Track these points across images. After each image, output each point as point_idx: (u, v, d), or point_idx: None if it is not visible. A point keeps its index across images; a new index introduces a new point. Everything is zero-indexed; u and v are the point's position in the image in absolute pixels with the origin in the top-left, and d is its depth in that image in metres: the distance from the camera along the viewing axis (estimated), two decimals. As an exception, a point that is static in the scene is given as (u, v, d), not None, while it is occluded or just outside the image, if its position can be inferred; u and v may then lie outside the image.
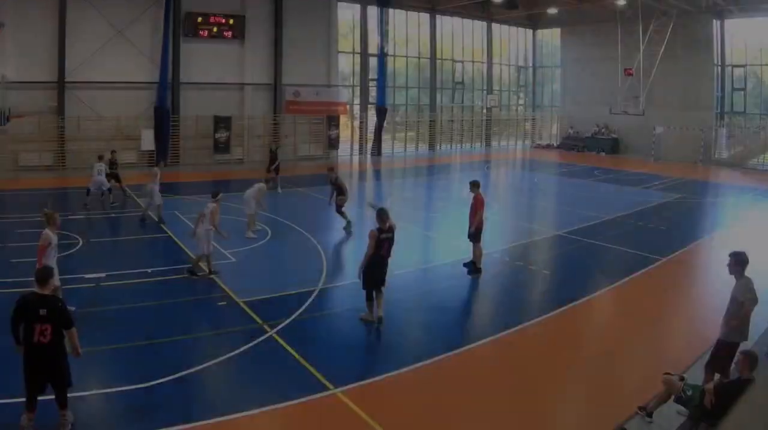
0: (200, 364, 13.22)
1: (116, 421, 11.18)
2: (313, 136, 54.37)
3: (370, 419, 11.20)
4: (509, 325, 16.03)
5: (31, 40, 41.44)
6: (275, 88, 51.78)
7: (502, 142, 70.33)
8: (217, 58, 48.56)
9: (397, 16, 59.47)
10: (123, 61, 44.68)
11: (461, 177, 46.01)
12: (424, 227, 28.16)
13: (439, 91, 64.20)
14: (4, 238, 23.58)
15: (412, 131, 63.78)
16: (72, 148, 43.42)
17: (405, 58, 62.00)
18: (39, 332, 9.91)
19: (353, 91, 58.24)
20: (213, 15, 47.94)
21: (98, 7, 43.31)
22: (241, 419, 11.17)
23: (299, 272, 20.33)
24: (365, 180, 47.01)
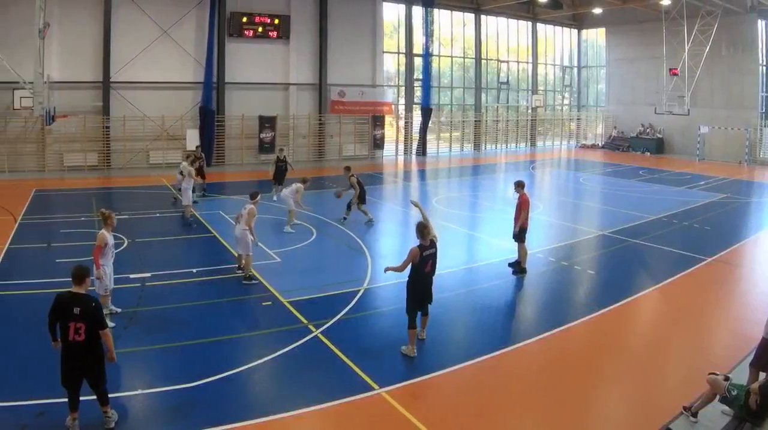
0: (245, 364, 12.99)
1: (161, 420, 10.97)
2: (358, 136, 53.19)
3: (415, 419, 10.97)
4: (554, 325, 15.66)
5: (76, 40, 40.57)
6: (320, 88, 50.48)
7: (547, 142, 68.92)
8: (262, 58, 47.45)
9: (442, 16, 58.17)
10: (168, 62, 43.76)
11: (506, 177, 45.25)
12: (469, 227, 27.39)
13: (484, 91, 62.69)
14: (48, 238, 23.15)
15: (457, 131, 62.38)
16: (117, 148, 42.47)
17: (450, 58, 60.65)
18: (74, 330, 9.86)
19: (398, 91, 56.99)
20: (258, 15, 46.70)
21: (143, 8, 42.48)
22: (286, 419, 10.96)
23: (344, 272, 19.92)
24: (410, 180, 45.51)
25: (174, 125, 44.29)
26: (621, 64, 64.83)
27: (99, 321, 10.10)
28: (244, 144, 47.25)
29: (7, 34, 37.28)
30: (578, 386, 12.59)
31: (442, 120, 61.00)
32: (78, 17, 40.65)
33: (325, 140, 51.10)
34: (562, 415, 11.49)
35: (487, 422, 11.20)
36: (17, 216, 26.82)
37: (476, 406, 11.68)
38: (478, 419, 11.22)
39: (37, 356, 12.09)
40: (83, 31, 40.85)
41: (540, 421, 11.46)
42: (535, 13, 64.06)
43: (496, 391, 12.35)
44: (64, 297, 10.11)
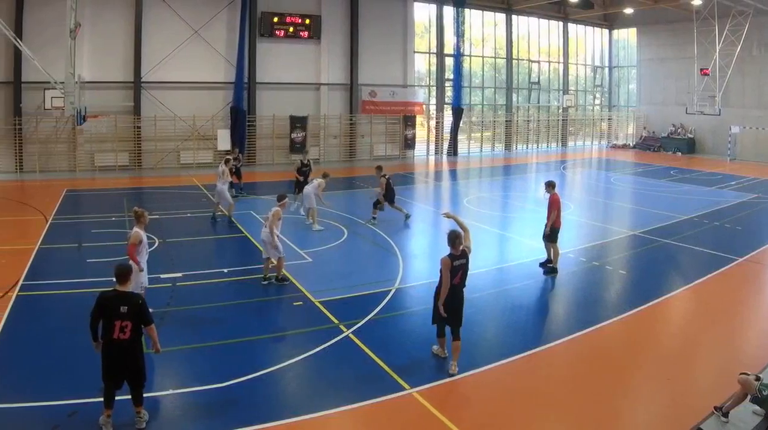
0: (277, 364, 12.81)
1: (193, 420, 10.79)
2: (389, 136, 52.08)
3: (446, 419, 10.76)
4: (586, 324, 15.42)
5: (107, 40, 40.00)
6: (351, 88, 49.44)
7: (578, 142, 67.46)
8: (293, 58, 46.54)
9: (473, 16, 56.72)
10: (199, 62, 43.02)
11: (537, 178, 44.50)
12: (500, 227, 26.82)
13: (515, 91, 61.31)
14: (79, 238, 22.99)
15: (488, 131, 60.96)
16: (148, 148, 41.76)
17: (481, 58, 59.21)
18: (119, 328, 9.75)
19: (429, 91, 55.71)
20: (289, 15, 45.84)
21: (174, 8, 41.73)
22: (318, 420, 10.79)
23: (375, 272, 19.65)
24: (441, 180, 44.43)
25: (205, 125, 43.53)
26: (652, 64, 63.25)
27: (146, 318, 10.07)
28: (275, 144, 46.40)
29: (38, 34, 36.87)
30: (609, 386, 12.36)
31: (473, 120, 59.84)
32: (109, 17, 40.11)
33: (356, 140, 50.15)
34: (593, 415, 11.30)
35: (518, 422, 11.06)
36: (48, 216, 26.44)
37: (508, 406, 11.54)
38: (509, 419, 11.10)
39: (69, 355, 12.02)
40: (114, 31, 40.31)
41: (571, 421, 11.25)
42: (567, 13, 62.56)
43: (527, 391, 12.12)
44: (109, 296, 9.97)
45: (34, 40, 35.95)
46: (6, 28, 28.05)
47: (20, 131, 38.37)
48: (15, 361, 12.62)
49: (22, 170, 38.64)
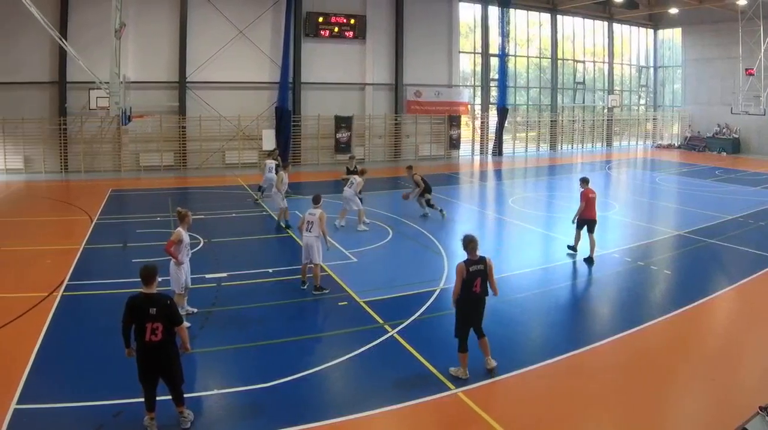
0: (321, 364, 12.43)
1: (237, 420, 10.54)
2: (434, 136, 50.21)
3: (491, 419, 10.43)
4: (630, 324, 14.83)
5: (152, 40, 39.14)
6: (396, 88, 47.73)
7: (623, 142, 64.49)
8: (337, 58, 45.07)
9: (518, 16, 54.81)
10: (244, 62, 41.81)
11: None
12: (545, 227, 25.86)
13: (560, 92, 58.82)
14: (124, 238, 22.65)
15: (533, 131, 58.92)
16: (192, 148, 40.62)
17: (526, 58, 57.00)
18: (150, 330, 9.51)
19: (474, 91, 53.69)
20: (334, 15, 44.45)
21: (219, 8, 40.54)
22: (362, 420, 10.48)
23: (420, 272, 18.81)
24: (486, 180, 42.78)
25: (250, 125, 42.39)
26: (697, 64, 60.78)
27: (175, 318, 9.77)
28: (320, 144, 45.00)
29: (83, 34, 36.02)
30: (654, 386, 11.78)
31: (518, 120, 57.57)
32: (154, 17, 39.22)
33: (401, 140, 48.48)
34: (637, 415, 10.85)
35: (563, 421, 10.63)
36: (93, 216, 25.88)
37: (552, 406, 11.10)
38: (554, 420, 10.67)
39: (114, 355, 11.33)
40: (159, 31, 39.43)
41: (616, 421, 10.86)
42: (612, 13, 60.24)
43: (572, 391, 11.67)
44: (137, 299, 9.73)
45: (79, 40, 34.82)
46: (51, 29, 27.03)
47: (65, 131, 37.62)
48: (60, 361, 12.36)
49: (67, 170, 37.89)
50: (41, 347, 12.83)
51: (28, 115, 36.69)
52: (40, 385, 11.20)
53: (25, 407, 10.41)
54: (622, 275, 19.10)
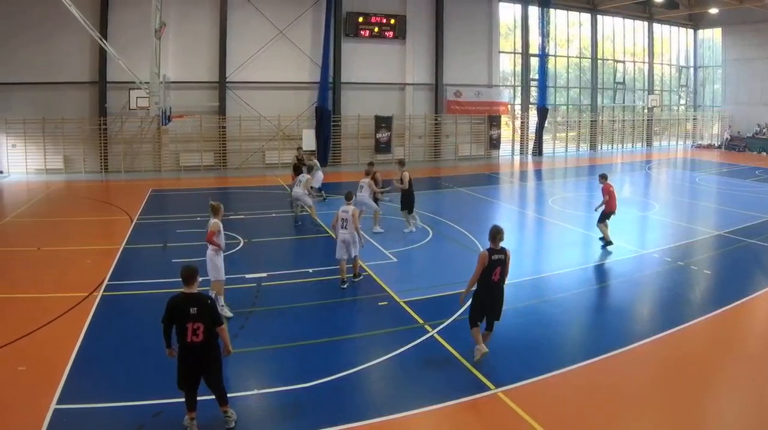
0: (361, 364, 12.00)
1: (278, 420, 10.19)
2: (474, 136, 48.19)
3: (531, 419, 9.96)
4: (670, 325, 14.25)
5: (192, 40, 37.98)
6: (436, 87, 45.77)
7: (663, 142, 61.87)
8: (378, 58, 43.36)
9: (558, 16, 52.67)
10: (284, 61, 40.33)
11: (622, 178, 40.58)
12: (584, 227, 24.18)
13: (600, 92, 56.60)
14: (164, 238, 21.91)
15: (573, 131, 56.77)
16: (232, 148, 39.23)
17: (566, 58, 54.84)
18: (191, 331, 9.11)
19: (514, 91, 51.56)
20: (374, 15, 42.71)
21: (259, 8, 39.10)
22: (402, 420, 10.10)
23: (460, 272, 16.87)
24: (526, 180, 41.09)
25: (290, 125, 40.83)
26: (737, 64, 58.37)
27: (216, 318, 9.39)
28: (360, 144, 43.37)
29: (123, 34, 35.09)
30: (694, 386, 11.48)
31: (558, 120, 55.44)
32: (194, 17, 38.00)
33: (441, 140, 46.52)
34: (678, 415, 10.47)
35: (603, 422, 10.28)
36: (133, 216, 25.12)
37: (593, 406, 10.74)
38: (594, 420, 10.31)
39: (154, 355, 10.97)
40: (199, 32, 38.20)
41: (657, 421, 10.37)
42: (652, 13, 57.80)
43: (612, 391, 11.27)
44: (177, 299, 9.31)
45: (119, 40, 33.97)
46: (91, 29, 26.08)
47: (105, 131, 36.60)
48: (100, 361, 11.93)
49: (107, 170, 36.92)
50: (81, 347, 12.38)
51: (68, 116, 35.85)
52: (79, 385, 10.79)
53: (64, 407, 10.01)
54: (662, 275, 18.36)
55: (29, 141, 35.83)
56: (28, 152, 35.95)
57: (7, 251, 20.13)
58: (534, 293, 16.17)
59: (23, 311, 14.43)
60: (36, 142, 35.93)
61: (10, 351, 12.12)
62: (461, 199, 31.01)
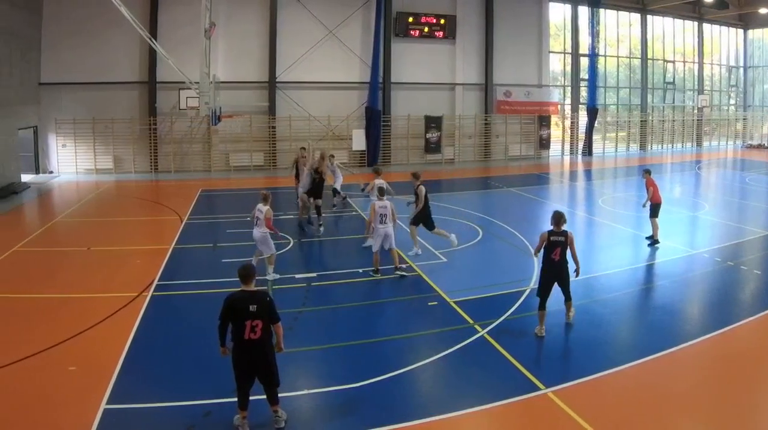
0: (411, 364, 11.41)
1: (327, 420, 9.54)
2: (524, 136, 45.44)
3: (581, 419, 9.37)
4: (720, 325, 13.55)
5: (242, 40, 36.20)
6: (486, 88, 43.02)
7: (713, 142, 58.58)
8: (427, 58, 40.92)
9: (608, 16, 49.57)
10: (333, 62, 38.28)
11: (672, 177, 38.46)
12: (634, 227, 23.11)
13: (650, 92, 53.34)
14: (214, 238, 21.05)
15: (623, 131, 53.70)
16: (282, 148, 37.11)
17: (616, 58, 51.74)
18: (249, 328, 8.66)
19: (564, 91, 48.62)
20: (424, 15, 40.24)
21: (309, 8, 37.00)
22: (451, 420, 9.48)
23: (510, 272, 17.49)
24: (576, 180, 38.81)
25: (340, 125, 38.65)
26: (788, 64, 54.56)
27: (274, 316, 8.90)
28: (410, 144, 40.94)
29: (172, 33, 33.58)
30: (744, 386, 10.81)
31: (608, 120, 52.32)
32: (244, 17, 36.15)
33: (491, 140, 43.80)
34: (729, 416, 9.81)
35: (653, 422, 9.52)
36: (183, 216, 24.17)
37: (643, 406, 9.98)
38: (643, 420, 9.57)
39: (203, 355, 11.11)
40: (249, 31, 36.32)
41: (707, 423, 9.75)
42: (701, 13, 54.29)
43: (661, 391, 10.54)
44: (236, 296, 8.82)
45: (169, 40, 32.37)
46: (141, 28, 24.56)
47: (155, 131, 34.98)
48: (150, 361, 11.44)
49: (157, 170, 35.34)
50: (131, 347, 11.92)
51: (118, 116, 34.45)
52: (129, 385, 10.37)
53: (114, 407, 9.62)
54: (712, 275, 17.49)
55: (79, 141, 34.40)
56: (78, 152, 34.55)
57: (57, 251, 19.38)
58: (584, 293, 15.09)
59: (73, 311, 13.79)
60: (86, 142, 34.49)
61: (60, 351, 11.62)
62: (511, 199, 29.63)
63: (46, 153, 34.33)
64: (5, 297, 14.80)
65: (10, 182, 28.85)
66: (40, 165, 34.17)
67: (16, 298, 14.80)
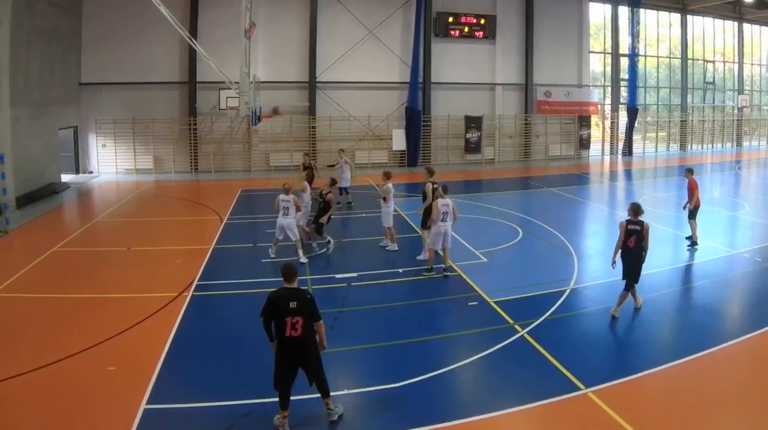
0: (451, 364, 10.75)
1: (367, 420, 9.14)
2: (564, 136, 43.14)
3: (621, 419, 8.92)
4: (762, 324, 12.54)
5: (282, 40, 34.63)
6: (526, 88, 40.82)
7: (754, 142, 55.78)
8: (467, 58, 38.90)
9: (648, 16, 46.99)
10: (373, 61, 36.48)
11: (713, 177, 36.45)
12: (674, 227, 22.06)
13: (690, 92, 50.60)
14: (254, 238, 20.08)
15: (663, 131, 51.04)
16: (322, 147, 35.43)
17: (656, 58, 49.17)
18: (290, 325, 8.38)
19: (604, 91, 46.08)
20: (464, 15, 38.21)
21: (349, 8, 35.24)
22: (491, 420, 9.04)
23: (550, 272, 16.72)
24: (616, 180, 36.84)
25: (380, 125, 36.73)
26: (828, 64, 51.32)
27: (315, 313, 8.58)
28: (450, 144, 38.88)
29: (212, 34, 32.19)
30: None
31: (648, 120, 49.74)
32: (284, 17, 34.47)
33: (531, 140, 41.58)
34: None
35: (695, 422, 9.06)
36: (223, 216, 23.21)
37: (685, 407, 9.44)
38: (685, 421, 9.08)
39: (242, 355, 10.78)
40: (289, 32, 34.69)
41: (748, 423, 9.17)
42: (741, 13, 51.39)
43: (703, 391, 9.97)
44: (277, 293, 8.51)
45: (209, 40, 30.98)
46: (181, 28, 23.40)
47: (195, 131, 33.51)
48: (190, 361, 10.92)
49: (197, 170, 33.86)
50: (171, 347, 11.42)
51: (158, 116, 33.06)
52: (169, 385, 9.91)
53: (154, 407, 9.18)
54: (752, 275, 16.73)
55: (119, 141, 33.07)
56: (118, 152, 33.26)
57: (97, 251, 18.71)
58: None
59: (113, 311, 13.31)
60: (126, 142, 33.13)
61: (100, 351, 11.20)
62: (551, 199, 28.36)
63: (86, 153, 33.08)
64: (45, 297, 14.20)
65: (50, 182, 27.84)
66: (80, 165, 32.95)
67: (56, 298, 14.16)
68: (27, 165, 25.63)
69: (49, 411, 9.07)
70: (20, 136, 25.10)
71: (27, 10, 25.84)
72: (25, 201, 24.79)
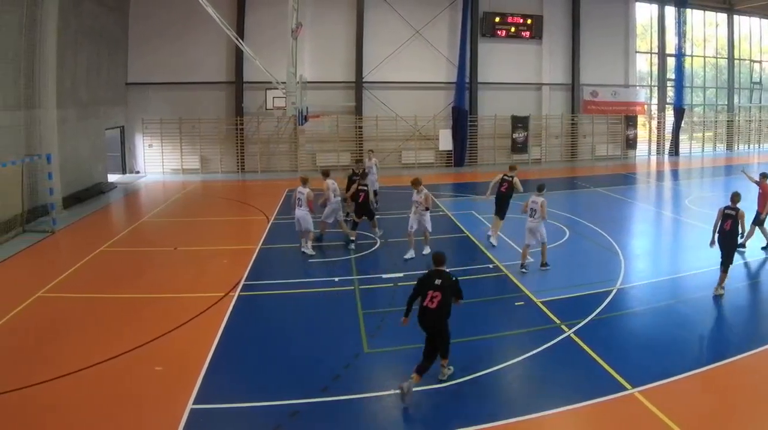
0: (498, 364, 10.45)
1: (414, 420, 8.96)
2: (610, 136, 40.55)
3: (668, 419, 8.56)
4: None
5: (328, 40, 32.98)
6: (572, 87, 38.28)
7: (801, 143, 52.06)
8: (514, 58, 36.58)
9: (695, 16, 43.90)
10: (420, 62, 34.43)
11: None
12: None
13: (737, 92, 47.48)
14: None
15: (710, 131, 48.04)
16: (369, 147, 32.79)
17: (702, 58, 46.00)
18: (430, 297, 9.13)
19: (651, 91, 43.28)
20: (510, 15, 35.94)
21: (396, 8, 33.27)
22: (538, 420, 8.74)
23: (597, 272, 15.93)
24: (663, 180, 34.82)
25: (426, 125, 34.66)
26: None
27: (457, 292, 9.44)
28: (497, 144, 36.65)
29: (259, 34, 30.81)
30: None
31: (695, 120, 46.75)
32: (330, 18, 32.76)
33: (577, 140, 39.06)
34: None
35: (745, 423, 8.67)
36: (270, 216, 22.31)
37: (730, 407, 9.10)
38: (733, 421, 8.74)
39: (289, 355, 10.55)
40: (336, 32, 32.94)
41: None
42: (789, 13, 48.19)
43: (750, 392, 9.52)
44: (428, 273, 9.37)
45: (256, 41, 29.47)
46: (228, 29, 22.35)
47: (242, 131, 31.89)
48: (236, 361, 10.48)
49: (244, 170, 32.25)
50: (217, 347, 11.01)
51: (205, 116, 31.56)
52: (216, 385, 9.54)
53: (200, 407, 8.85)
54: None
55: (166, 141, 31.61)
56: (165, 152, 31.79)
57: (144, 250, 18.19)
58: (671, 293, 14.02)
59: (160, 310, 12.89)
60: (172, 143, 31.66)
61: (147, 351, 10.87)
62: (598, 199, 27.32)
63: (132, 153, 31.69)
64: (92, 297, 13.88)
65: (97, 182, 26.72)
66: (126, 165, 31.56)
67: (103, 298, 13.83)
68: (74, 165, 24.38)
69: (95, 411, 8.81)
70: (67, 136, 23.85)
71: (74, 9, 24.48)
72: (72, 201, 23.69)
